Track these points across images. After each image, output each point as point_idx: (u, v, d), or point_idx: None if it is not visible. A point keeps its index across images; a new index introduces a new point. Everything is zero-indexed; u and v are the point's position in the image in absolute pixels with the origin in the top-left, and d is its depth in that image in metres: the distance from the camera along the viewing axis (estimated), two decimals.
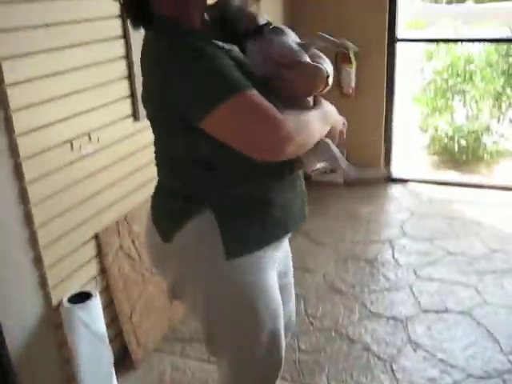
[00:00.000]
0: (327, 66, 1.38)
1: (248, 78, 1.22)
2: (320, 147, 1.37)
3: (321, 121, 1.34)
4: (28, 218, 1.97)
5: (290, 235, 1.51)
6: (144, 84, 1.34)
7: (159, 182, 1.48)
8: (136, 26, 1.37)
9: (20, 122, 1.88)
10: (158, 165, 1.47)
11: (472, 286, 2.95)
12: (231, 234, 1.34)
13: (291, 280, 1.69)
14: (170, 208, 1.43)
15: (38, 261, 2.03)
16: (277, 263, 1.50)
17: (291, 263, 1.68)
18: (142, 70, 1.35)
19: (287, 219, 1.44)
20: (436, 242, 3.44)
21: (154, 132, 1.40)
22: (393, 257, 3.30)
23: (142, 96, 1.37)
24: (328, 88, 1.39)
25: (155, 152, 1.45)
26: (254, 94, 1.19)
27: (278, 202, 1.39)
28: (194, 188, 1.37)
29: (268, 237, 1.40)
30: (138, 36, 2.37)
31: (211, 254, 1.36)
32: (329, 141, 1.40)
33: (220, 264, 1.36)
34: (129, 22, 1.38)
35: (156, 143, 1.43)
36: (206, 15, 1.38)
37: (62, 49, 2.03)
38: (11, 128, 1.85)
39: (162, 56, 1.26)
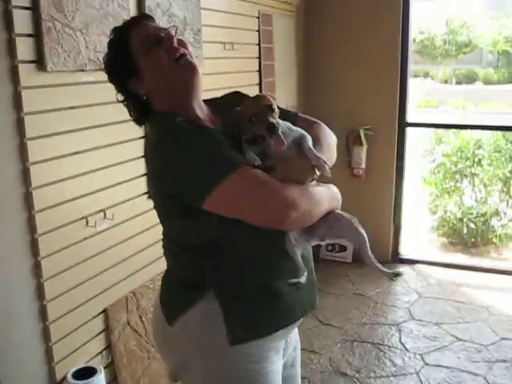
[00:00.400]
0: (323, 154, 1.37)
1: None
2: (347, 224, 1.39)
3: (326, 194, 1.35)
4: (39, 292, 2.01)
5: (299, 323, 1.49)
6: (147, 173, 1.39)
7: (167, 265, 1.51)
8: (139, 123, 1.47)
9: (40, 198, 1.95)
10: (164, 249, 1.50)
11: (481, 375, 2.90)
12: (236, 320, 1.35)
13: (298, 370, 1.65)
14: (174, 292, 1.45)
15: (45, 335, 2.06)
16: (282, 351, 1.48)
17: (299, 354, 1.65)
18: (145, 160, 1.40)
19: (295, 306, 1.43)
20: (444, 327, 3.41)
21: (159, 219, 1.44)
22: (400, 341, 3.26)
23: (147, 185, 1.43)
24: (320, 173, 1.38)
25: (162, 239, 1.49)
26: (249, 168, 1.24)
27: (285, 290, 1.39)
28: (198, 274, 1.38)
29: (274, 324, 1.39)
30: None
31: (214, 341, 1.36)
32: (355, 219, 1.41)
33: (222, 351, 1.35)
34: (132, 119, 1.47)
35: (162, 229, 1.47)
36: (205, 108, 1.46)
37: (84, 130, 2.14)
38: (31, 204, 1.93)
39: (160, 145, 1.32)
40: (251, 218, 1.26)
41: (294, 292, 1.42)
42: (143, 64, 1.37)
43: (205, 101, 1.48)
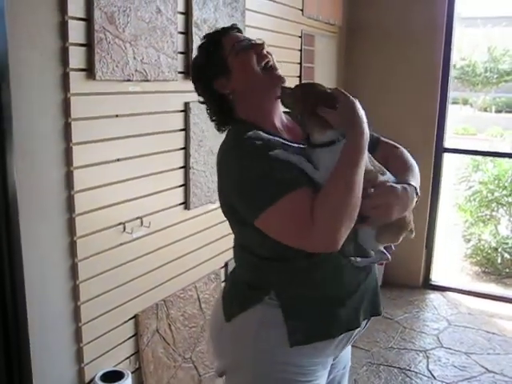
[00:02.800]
0: (415, 181, 1.42)
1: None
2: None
3: (354, 166, 1.24)
4: (74, 294, 2.06)
5: (355, 335, 1.47)
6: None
7: (235, 264, 1.53)
8: (220, 128, 1.49)
9: (81, 202, 2.01)
10: (233, 248, 1.53)
11: None
12: (297, 322, 1.36)
13: None
14: (237, 290, 1.48)
15: (77, 336, 2.10)
16: (329, 367, 1.48)
17: (348, 372, 1.65)
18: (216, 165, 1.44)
19: (357, 313, 1.43)
20: (473, 357, 3.34)
21: (229, 223, 1.47)
22: (427, 368, 3.21)
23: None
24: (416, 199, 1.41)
25: (233, 240, 1.52)
26: (298, 196, 1.22)
27: (347, 295, 1.40)
28: (261, 277, 1.41)
29: (337, 328, 1.39)
30: (197, 129, 2.54)
31: (268, 344, 1.38)
32: None
33: (275, 356, 1.37)
34: (214, 125, 1.50)
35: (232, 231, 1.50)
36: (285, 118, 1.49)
37: (127, 138, 2.19)
38: (72, 208, 1.98)
39: (226, 159, 1.37)
40: (297, 246, 1.25)
41: (359, 296, 1.43)
42: (233, 64, 1.42)
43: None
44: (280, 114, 1.48)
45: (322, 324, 1.38)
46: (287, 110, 1.49)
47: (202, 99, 1.50)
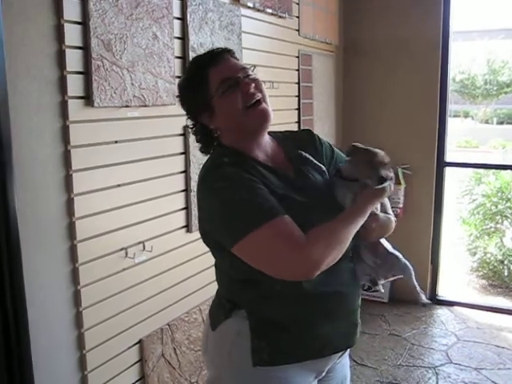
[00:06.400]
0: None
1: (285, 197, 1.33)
2: (391, 261, 1.53)
3: (352, 223, 1.34)
4: (78, 321, 2.05)
5: (331, 359, 1.48)
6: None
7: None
8: (204, 151, 1.51)
9: (82, 229, 2.01)
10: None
11: None
12: (262, 343, 1.38)
13: None
14: (219, 304, 1.51)
15: (82, 363, 2.08)
16: (313, 379, 1.47)
17: None
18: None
19: (327, 342, 1.43)
20: (484, 373, 3.30)
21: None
22: None
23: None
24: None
25: None
26: (280, 222, 1.25)
27: (318, 324, 1.41)
28: (234, 296, 1.44)
29: (300, 355, 1.40)
30: (197, 152, 2.55)
31: (241, 358, 1.40)
32: (398, 254, 1.54)
33: (249, 370, 1.39)
34: (199, 149, 1.52)
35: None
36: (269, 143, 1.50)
37: (127, 163, 2.20)
38: (73, 235, 1.98)
39: (203, 184, 1.39)
40: (273, 273, 1.28)
41: (328, 328, 1.43)
42: (218, 104, 1.40)
43: (274, 132, 1.53)
44: (262, 142, 1.47)
45: (287, 348, 1.39)
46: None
47: (189, 122, 1.52)
